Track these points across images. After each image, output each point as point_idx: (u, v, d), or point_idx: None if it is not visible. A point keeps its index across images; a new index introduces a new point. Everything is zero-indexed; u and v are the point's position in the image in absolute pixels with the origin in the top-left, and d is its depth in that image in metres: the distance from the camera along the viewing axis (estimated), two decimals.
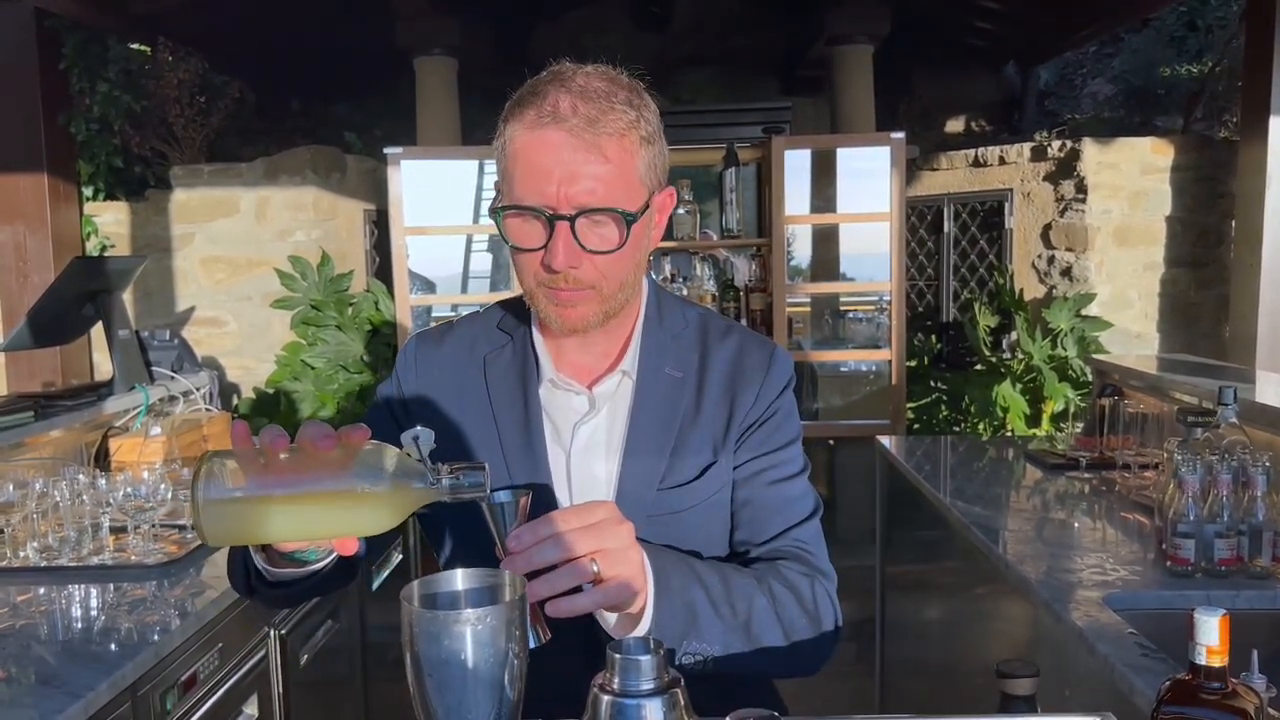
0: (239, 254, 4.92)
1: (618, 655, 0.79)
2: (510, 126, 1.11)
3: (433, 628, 0.80)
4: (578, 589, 0.96)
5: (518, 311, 1.29)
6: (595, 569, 0.96)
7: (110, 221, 4.99)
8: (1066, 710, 1.07)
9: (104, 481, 2.06)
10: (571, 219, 1.08)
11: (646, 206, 1.14)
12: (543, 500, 1.18)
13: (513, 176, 1.10)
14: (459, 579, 0.90)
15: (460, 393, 1.26)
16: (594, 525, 0.97)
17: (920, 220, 5.64)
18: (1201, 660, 0.87)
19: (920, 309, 5.71)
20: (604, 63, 1.20)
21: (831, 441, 4.84)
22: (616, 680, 0.78)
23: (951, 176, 5.49)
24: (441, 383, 1.27)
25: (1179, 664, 0.89)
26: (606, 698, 0.78)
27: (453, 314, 5.27)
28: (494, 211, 1.13)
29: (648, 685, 0.77)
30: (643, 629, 1.02)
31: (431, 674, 0.81)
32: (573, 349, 1.24)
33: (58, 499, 1.98)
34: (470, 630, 0.79)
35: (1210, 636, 0.86)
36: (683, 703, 0.79)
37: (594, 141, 1.07)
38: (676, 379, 1.23)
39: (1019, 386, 4.66)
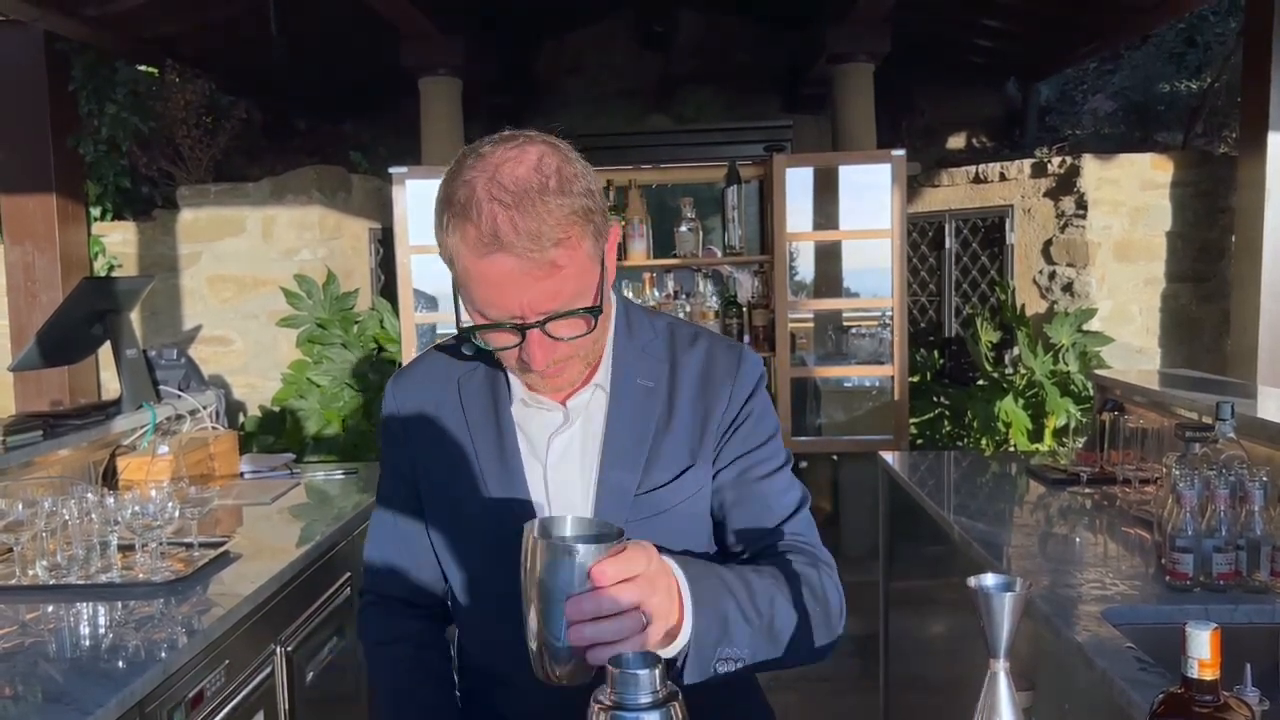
0: (245, 273, 4.95)
1: (616, 669, 0.80)
2: (453, 240, 1.10)
3: (550, 555, 0.93)
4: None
5: None
6: (645, 621, 0.96)
7: (118, 241, 5.03)
8: None
9: (112, 500, 2.07)
10: (542, 324, 1.11)
11: (602, 271, 1.16)
12: (520, 511, 1.23)
13: (471, 293, 1.12)
14: (569, 524, 1.02)
15: (438, 414, 1.31)
16: (640, 578, 0.96)
17: (922, 236, 5.66)
18: (1193, 673, 0.88)
19: (923, 325, 5.72)
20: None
21: (835, 457, 4.85)
22: (615, 694, 0.80)
23: (953, 193, 5.51)
24: (421, 408, 1.33)
25: (1177, 678, 0.90)
26: (605, 712, 0.80)
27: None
28: (465, 331, 1.16)
29: (645, 699, 0.79)
30: (680, 643, 1.03)
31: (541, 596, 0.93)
32: None
33: (66, 517, 1.99)
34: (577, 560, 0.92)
35: (1202, 650, 0.87)
36: (680, 717, 0.80)
37: (543, 259, 1.07)
38: (648, 389, 1.27)
39: (1021, 402, 4.67)
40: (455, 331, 1.24)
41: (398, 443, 1.34)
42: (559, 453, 1.26)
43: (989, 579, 0.90)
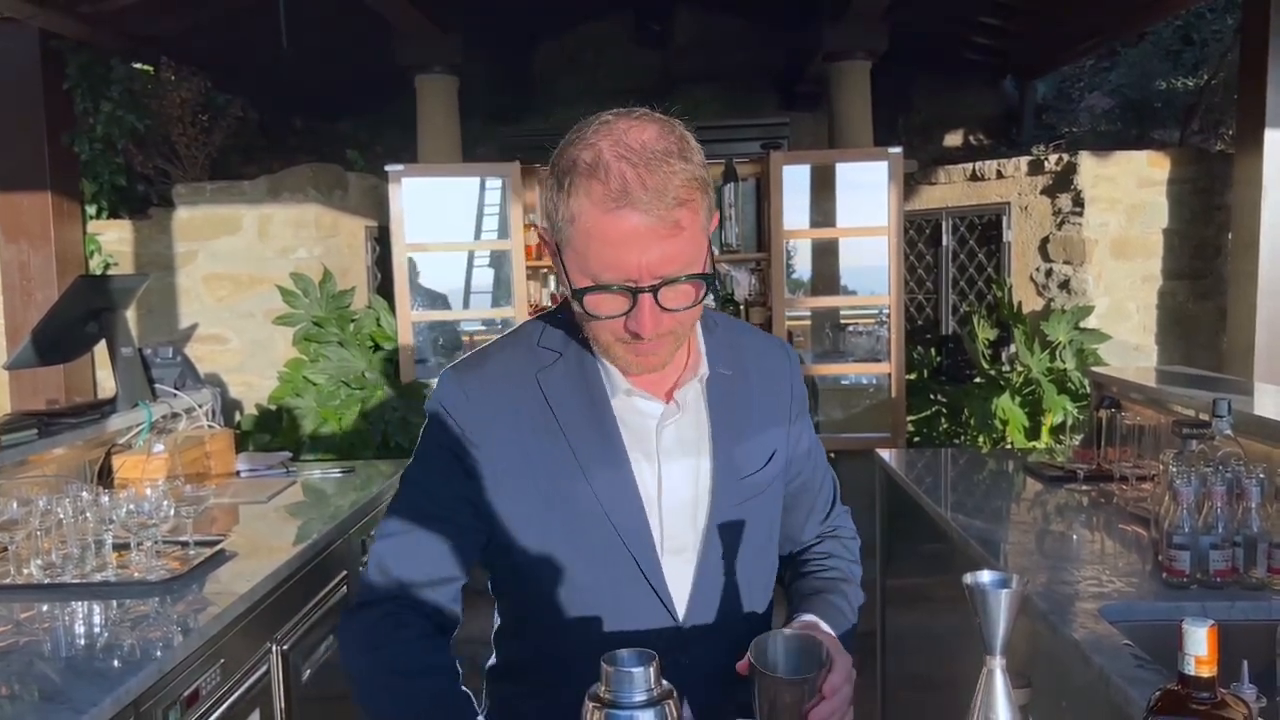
0: (241, 271, 4.94)
1: (610, 667, 0.80)
2: (576, 201, 1.11)
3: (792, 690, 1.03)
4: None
5: (561, 327, 1.30)
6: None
7: (113, 240, 5.02)
8: None
9: (107, 498, 2.06)
10: (655, 289, 1.12)
11: (710, 247, 1.19)
12: (631, 506, 1.24)
13: (586, 254, 1.12)
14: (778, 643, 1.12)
15: (517, 412, 1.25)
16: (852, 686, 1.16)
17: (919, 234, 5.66)
18: (1190, 671, 0.88)
19: (919, 322, 5.73)
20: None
21: (832, 455, 4.79)
22: (610, 692, 0.79)
23: (950, 190, 5.51)
24: (498, 405, 1.26)
25: (1174, 675, 0.90)
26: (600, 710, 0.79)
27: (458, 329, 5.30)
28: (575, 294, 1.15)
29: (640, 697, 0.79)
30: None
31: None
32: None
33: (61, 516, 1.99)
34: None
35: (1199, 647, 0.87)
36: (674, 714, 0.80)
37: (668, 216, 1.09)
38: (728, 377, 1.32)
39: (1018, 399, 4.67)
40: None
41: (470, 442, 1.25)
42: (671, 442, 1.27)
43: (985, 576, 0.90)
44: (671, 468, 1.27)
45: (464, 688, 1.22)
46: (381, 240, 5.23)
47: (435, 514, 1.27)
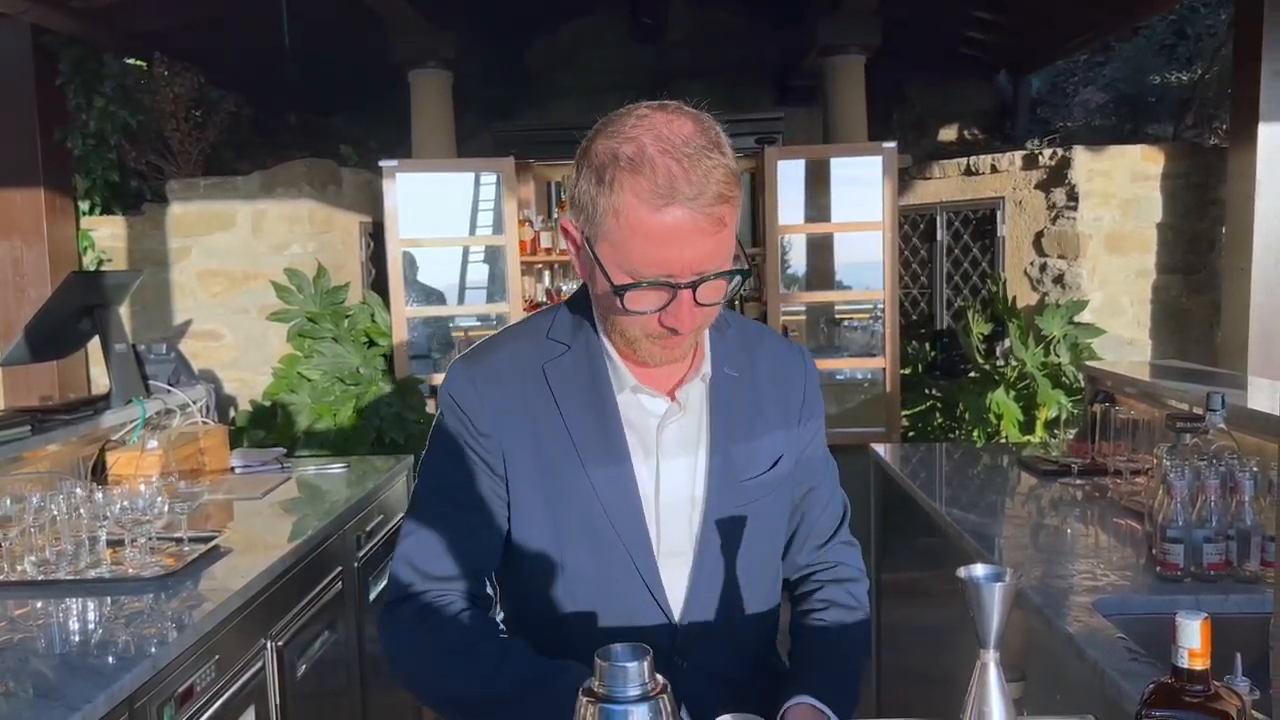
0: (235, 267, 4.93)
1: (604, 662, 0.80)
2: (619, 196, 1.09)
3: None
4: None
5: (571, 319, 1.30)
6: None
7: (107, 236, 5.00)
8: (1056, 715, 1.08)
9: (101, 495, 2.06)
10: (694, 285, 1.12)
11: (739, 242, 1.19)
12: (630, 503, 1.23)
13: (628, 249, 1.11)
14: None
15: (524, 402, 1.25)
16: None
17: (914, 229, 5.66)
18: (1184, 663, 0.88)
19: (914, 317, 5.73)
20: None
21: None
22: (603, 687, 0.79)
23: (944, 185, 5.51)
24: (505, 396, 1.25)
25: (1168, 668, 0.90)
26: (593, 704, 0.79)
27: (452, 325, 5.29)
28: (616, 290, 1.13)
29: (634, 691, 0.79)
30: None
31: None
32: None
33: (55, 513, 1.98)
34: None
35: (1192, 640, 0.88)
36: (668, 709, 0.80)
37: (713, 212, 1.09)
38: (734, 378, 1.31)
39: (1012, 393, 4.67)
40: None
41: (478, 432, 1.25)
42: (671, 440, 1.26)
43: (979, 570, 0.90)
44: (669, 466, 1.26)
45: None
46: (376, 236, 5.22)
47: (459, 503, 1.27)
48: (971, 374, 5.02)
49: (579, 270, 1.22)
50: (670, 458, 1.26)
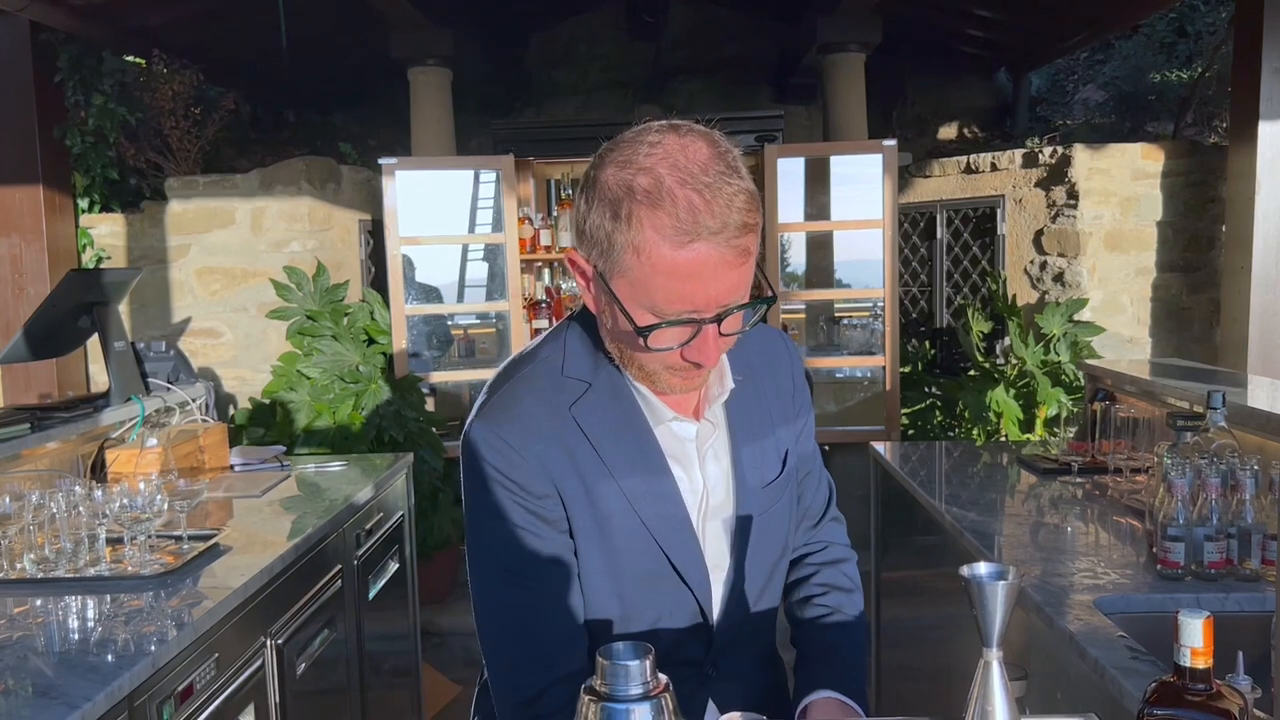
0: (234, 265, 4.92)
1: (606, 661, 0.79)
2: (639, 233, 1.04)
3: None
4: None
5: (580, 353, 1.23)
6: None
7: (106, 233, 5.00)
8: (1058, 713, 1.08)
9: (100, 493, 2.06)
10: (720, 318, 1.08)
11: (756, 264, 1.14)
12: (681, 531, 1.20)
13: (650, 288, 1.05)
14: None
15: (564, 449, 1.18)
16: None
17: (913, 227, 5.66)
18: (1186, 662, 0.88)
19: (914, 315, 5.73)
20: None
21: (826, 447, 4.85)
22: (606, 685, 0.79)
23: (944, 183, 5.51)
24: (546, 447, 1.18)
25: (1169, 667, 0.90)
26: (595, 703, 0.79)
27: (450, 322, 5.28)
28: (639, 330, 1.08)
29: (636, 690, 0.78)
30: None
31: None
32: None
33: (54, 511, 1.98)
34: None
35: (1194, 638, 0.87)
36: (671, 708, 0.79)
37: (739, 245, 1.05)
38: (740, 383, 1.29)
39: (1012, 392, 4.67)
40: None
41: (535, 495, 1.17)
42: (709, 462, 1.25)
43: (982, 568, 0.90)
44: (710, 487, 1.25)
45: None
46: (375, 234, 5.22)
47: (545, 580, 1.19)
48: (971, 372, 5.02)
49: (590, 304, 1.17)
50: (711, 479, 1.25)
